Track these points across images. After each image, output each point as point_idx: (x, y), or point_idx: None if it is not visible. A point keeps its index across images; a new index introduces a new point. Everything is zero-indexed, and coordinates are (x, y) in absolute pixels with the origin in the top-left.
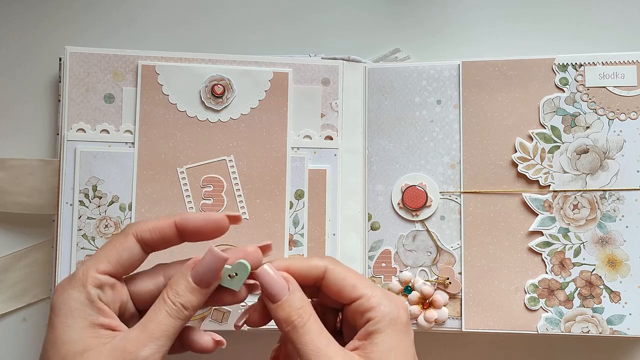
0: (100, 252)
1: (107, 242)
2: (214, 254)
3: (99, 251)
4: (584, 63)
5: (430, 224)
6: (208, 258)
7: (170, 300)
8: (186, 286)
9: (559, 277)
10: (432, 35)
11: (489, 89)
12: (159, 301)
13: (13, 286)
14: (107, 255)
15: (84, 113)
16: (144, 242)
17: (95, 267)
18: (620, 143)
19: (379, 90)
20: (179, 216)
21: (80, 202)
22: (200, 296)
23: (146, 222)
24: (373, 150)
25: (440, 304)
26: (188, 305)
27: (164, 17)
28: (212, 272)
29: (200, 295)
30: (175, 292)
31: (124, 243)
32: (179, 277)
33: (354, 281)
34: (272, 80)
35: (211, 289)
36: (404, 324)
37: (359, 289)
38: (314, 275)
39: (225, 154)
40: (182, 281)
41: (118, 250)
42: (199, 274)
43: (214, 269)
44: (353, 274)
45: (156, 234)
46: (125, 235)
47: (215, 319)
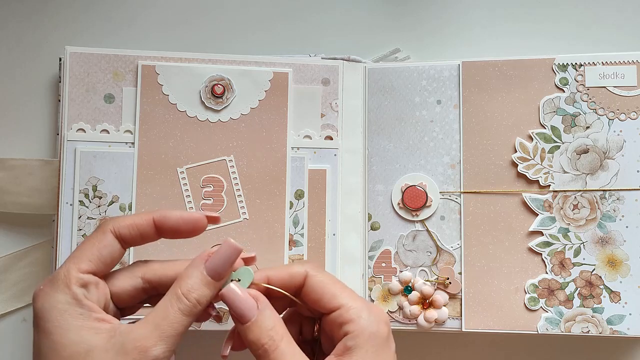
0: (79, 252)
1: (84, 240)
2: (230, 245)
3: (78, 250)
4: (584, 63)
5: (430, 224)
6: (225, 249)
7: (185, 297)
8: (201, 279)
9: (559, 277)
10: (432, 35)
11: (489, 89)
12: (170, 298)
13: (13, 286)
14: (87, 254)
15: (84, 113)
16: (122, 239)
17: (76, 266)
18: (620, 143)
19: (379, 90)
20: (157, 213)
21: (80, 202)
22: (214, 290)
23: (124, 218)
24: (373, 150)
25: (440, 304)
26: (202, 300)
27: (164, 17)
28: (227, 264)
29: (214, 289)
30: (189, 287)
31: (103, 240)
32: (191, 270)
33: (334, 290)
34: (272, 80)
35: (223, 282)
36: (384, 339)
37: (338, 298)
38: (295, 283)
39: (225, 154)
40: (196, 274)
41: (98, 248)
42: (215, 266)
43: (229, 260)
44: (334, 283)
45: (134, 230)
46: (103, 232)
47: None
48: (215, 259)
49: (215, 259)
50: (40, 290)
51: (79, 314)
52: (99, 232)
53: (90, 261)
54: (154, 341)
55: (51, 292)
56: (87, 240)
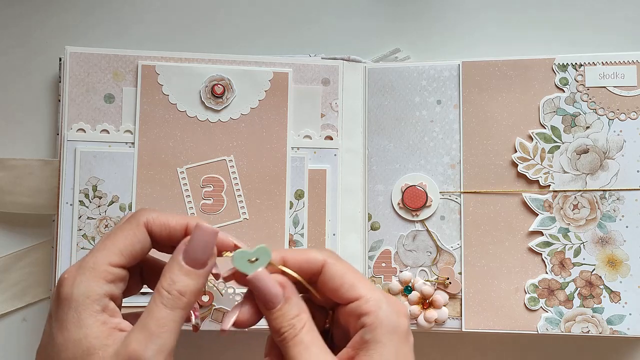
0: (111, 242)
1: (116, 229)
2: (203, 230)
3: (108, 241)
4: (584, 63)
5: (430, 224)
6: (198, 235)
7: (165, 290)
8: (180, 270)
9: (559, 277)
10: (432, 35)
11: (489, 89)
12: (154, 295)
13: (13, 286)
14: (120, 245)
15: (84, 113)
16: (151, 235)
17: (108, 259)
18: (620, 143)
19: (379, 90)
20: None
21: (80, 202)
22: (197, 278)
23: (158, 215)
24: (373, 150)
25: (440, 304)
26: (185, 291)
27: (164, 17)
28: (205, 249)
29: (197, 277)
30: (170, 280)
31: (137, 234)
32: (170, 263)
33: (353, 280)
34: (272, 80)
35: (208, 269)
36: (403, 333)
37: (357, 289)
38: (311, 270)
39: (225, 154)
40: (175, 266)
41: (131, 241)
42: (192, 254)
43: (207, 245)
44: (353, 272)
45: (165, 231)
46: (137, 224)
47: (215, 319)
48: (191, 247)
49: (191, 247)
50: (65, 278)
51: (98, 316)
52: (133, 224)
53: (122, 254)
54: (144, 344)
55: (78, 282)
56: (119, 230)
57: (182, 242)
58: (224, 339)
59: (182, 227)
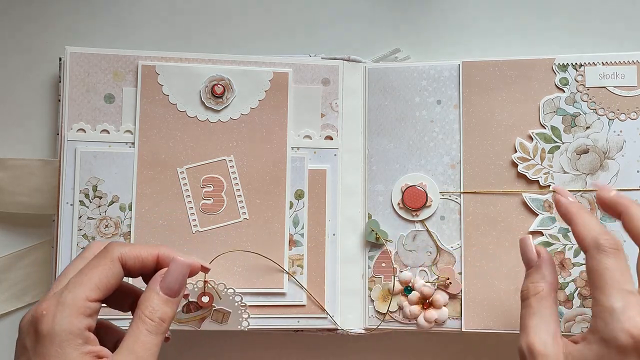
0: (87, 277)
1: (91, 265)
2: (179, 263)
3: (84, 276)
4: (584, 63)
5: (430, 224)
6: (174, 268)
7: (148, 317)
8: (159, 299)
9: (559, 277)
10: (432, 35)
11: (489, 89)
12: (135, 322)
13: (13, 286)
14: (96, 281)
15: (84, 113)
16: (125, 268)
17: (85, 294)
18: (620, 143)
19: (379, 90)
20: (162, 251)
21: (80, 202)
22: (174, 306)
23: (131, 248)
24: (373, 150)
25: (440, 304)
26: (165, 317)
27: (164, 17)
28: (180, 280)
29: (173, 305)
30: (151, 308)
31: (112, 268)
32: (149, 292)
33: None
34: (272, 80)
35: (181, 295)
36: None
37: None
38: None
39: (225, 154)
40: (154, 296)
41: (107, 276)
42: (169, 284)
43: (181, 277)
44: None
45: (138, 263)
46: (112, 260)
47: (215, 320)
48: (168, 279)
49: (168, 278)
50: (43, 315)
51: (78, 345)
52: (107, 259)
53: (99, 289)
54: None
55: (59, 318)
56: (94, 265)
57: (158, 274)
58: (223, 339)
59: (153, 258)
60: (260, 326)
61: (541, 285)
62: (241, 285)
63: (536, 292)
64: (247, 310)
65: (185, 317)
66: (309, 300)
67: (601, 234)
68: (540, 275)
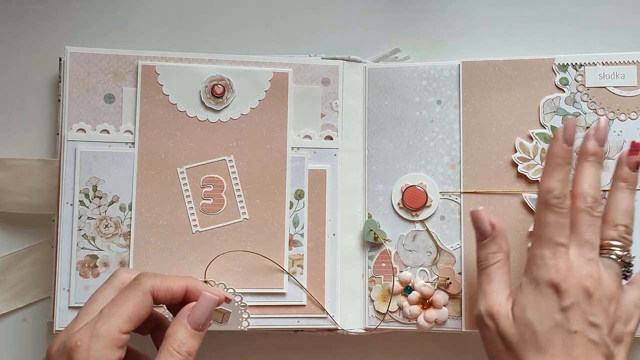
0: (120, 309)
1: (124, 296)
2: (207, 299)
3: (117, 307)
4: (584, 63)
5: (430, 224)
6: (202, 303)
7: (176, 351)
8: (187, 333)
9: None
10: (432, 35)
11: (489, 89)
12: (164, 354)
13: (13, 286)
14: (129, 313)
15: (84, 113)
16: (156, 299)
17: (119, 326)
18: (620, 143)
19: (379, 90)
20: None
21: (80, 202)
22: (200, 340)
23: (162, 280)
24: (373, 150)
25: (440, 304)
26: (192, 351)
27: (164, 17)
28: (207, 315)
29: (199, 338)
30: (179, 342)
31: (144, 301)
32: (177, 327)
33: None
34: (272, 80)
35: (206, 329)
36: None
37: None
38: None
39: (225, 154)
40: (182, 330)
41: (139, 308)
42: (197, 319)
43: (208, 312)
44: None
45: (169, 295)
46: (144, 293)
47: (215, 319)
48: (196, 313)
49: (196, 313)
50: (78, 345)
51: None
52: (139, 292)
53: (132, 321)
54: None
55: (93, 350)
56: (127, 297)
57: (187, 308)
58: (224, 339)
59: (182, 290)
60: (260, 326)
61: (499, 256)
62: (241, 285)
63: (495, 262)
64: (247, 310)
65: None
66: (309, 300)
67: (554, 191)
68: (497, 246)
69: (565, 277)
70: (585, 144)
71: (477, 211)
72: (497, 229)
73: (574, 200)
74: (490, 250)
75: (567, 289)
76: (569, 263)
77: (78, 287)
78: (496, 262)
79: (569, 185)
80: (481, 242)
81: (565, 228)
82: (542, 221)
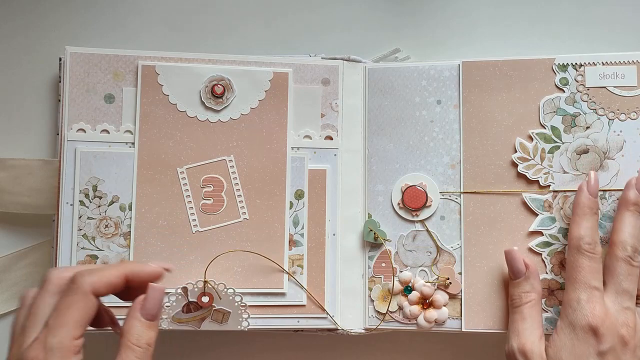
0: (67, 318)
1: (65, 303)
2: (156, 289)
3: (63, 317)
4: (584, 63)
5: (430, 224)
6: (152, 294)
7: (136, 345)
8: (142, 325)
9: (558, 277)
10: (432, 35)
11: (489, 89)
12: (125, 351)
13: (13, 286)
14: (76, 319)
15: (84, 113)
16: (98, 295)
17: (70, 334)
18: (620, 143)
19: (379, 90)
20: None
21: (80, 202)
22: (156, 328)
23: (99, 276)
24: (373, 150)
25: (440, 304)
26: (151, 342)
27: (164, 17)
28: (158, 304)
29: (156, 327)
30: (137, 335)
31: (87, 303)
32: (131, 321)
33: None
34: (272, 80)
35: (159, 316)
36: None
37: None
38: None
39: (225, 154)
40: (136, 324)
41: (85, 311)
42: (149, 310)
43: (159, 301)
44: None
45: (110, 288)
46: (84, 295)
47: (215, 319)
48: (148, 306)
49: (147, 305)
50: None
51: None
52: (80, 295)
53: (81, 326)
54: None
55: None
56: (69, 304)
57: (137, 302)
58: (223, 339)
59: (122, 279)
60: (260, 326)
61: (532, 295)
62: (241, 285)
63: (528, 301)
64: (247, 310)
65: (185, 317)
66: (309, 300)
67: (585, 238)
68: (530, 285)
69: (602, 321)
70: (626, 192)
71: (512, 251)
72: (531, 269)
73: (612, 247)
74: (524, 289)
75: (605, 334)
76: (605, 308)
77: None
78: (529, 301)
79: (598, 233)
80: (514, 280)
81: (599, 273)
82: (576, 265)
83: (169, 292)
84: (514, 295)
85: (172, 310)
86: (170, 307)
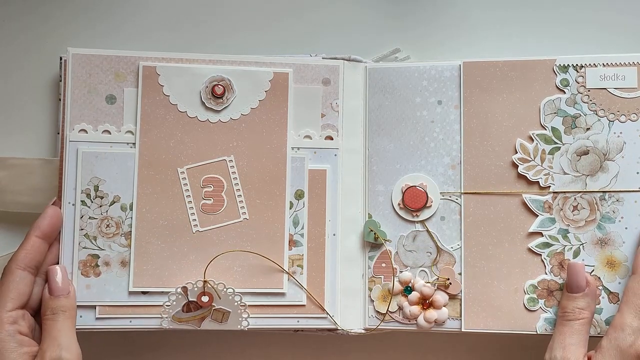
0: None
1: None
2: (55, 270)
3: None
4: (584, 64)
5: (431, 225)
6: (52, 275)
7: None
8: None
9: (558, 278)
10: (433, 35)
11: (490, 89)
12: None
13: None
14: (8, 294)
15: (86, 114)
16: (29, 267)
17: (3, 308)
18: (620, 145)
19: (379, 90)
20: (34, 230)
21: (82, 202)
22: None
23: (18, 252)
24: (373, 151)
25: (440, 304)
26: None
27: (165, 18)
28: (64, 280)
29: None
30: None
31: (15, 278)
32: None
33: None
34: (272, 80)
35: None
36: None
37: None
38: None
39: (226, 154)
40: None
41: (14, 286)
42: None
43: (65, 278)
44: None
45: (32, 254)
46: (11, 272)
47: (214, 319)
48: (52, 285)
49: (52, 285)
50: None
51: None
52: (7, 274)
53: (13, 299)
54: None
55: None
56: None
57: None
58: (223, 339)
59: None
60: (260, 326)
61: (586, 313)
62: (241, 285)
63: (582, 318)
64: (246, 310)
65: (185, 316)
66: (309, 300)
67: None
68: (586, 303)
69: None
70: None
71: (577, 264)
72: (592, 287)
73: None
74: (579, 305)
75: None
76: None
77: (79, 286)
78: (582, 318)
79: None
80: (572, 294)
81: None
82: (635, 291)
83: (169, 291)
84: (567, 308)
85: (172, 309)
86: (170, 307)
